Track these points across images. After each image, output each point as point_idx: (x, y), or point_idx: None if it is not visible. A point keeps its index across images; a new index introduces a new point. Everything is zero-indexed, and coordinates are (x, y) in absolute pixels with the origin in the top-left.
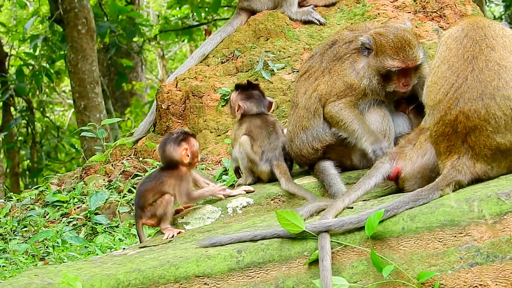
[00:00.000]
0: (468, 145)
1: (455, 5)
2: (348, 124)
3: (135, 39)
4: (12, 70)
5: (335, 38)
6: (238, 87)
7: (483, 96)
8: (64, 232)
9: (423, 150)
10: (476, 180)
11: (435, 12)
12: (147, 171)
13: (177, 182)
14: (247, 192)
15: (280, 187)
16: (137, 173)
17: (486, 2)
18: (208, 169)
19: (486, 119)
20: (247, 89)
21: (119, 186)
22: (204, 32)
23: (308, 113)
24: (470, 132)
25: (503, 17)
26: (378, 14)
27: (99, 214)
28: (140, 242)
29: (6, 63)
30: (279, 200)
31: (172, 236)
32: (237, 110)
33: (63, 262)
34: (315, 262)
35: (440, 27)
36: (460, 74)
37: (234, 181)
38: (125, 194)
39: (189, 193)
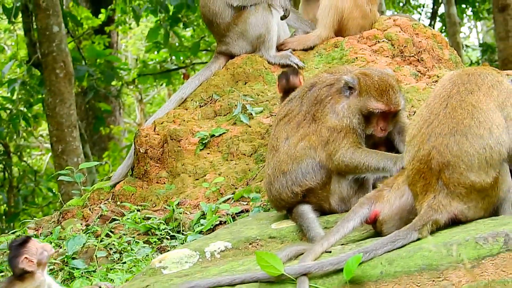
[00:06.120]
0: (443, 182)
1: (433, 50)
2: (367, 164)
3: (113, 82)
4: None
5: (314, 80)
6: None
7: (455, 132)
8: None
9: (401, 191)
10: (453, 220)
11: (412, 56)
12: (124, 215)
13: None
14: None
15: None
16: (115, 217)
17: (463, 47)
18: (186, 213)
19: (458, 156)
20: None
21: (96, 230)
22: (182, 76)
23: (289, 159)
24: (443, 169)
25: (480, 61)
26: (356, 58)
27: (77, 259)
28: None
29: None
30: (257, 244)
31: None
32: None
33: None
34: None
35: (418, 71)
36: (433, 111)
37: (212, 225)
38: (103, 238)
39: None
